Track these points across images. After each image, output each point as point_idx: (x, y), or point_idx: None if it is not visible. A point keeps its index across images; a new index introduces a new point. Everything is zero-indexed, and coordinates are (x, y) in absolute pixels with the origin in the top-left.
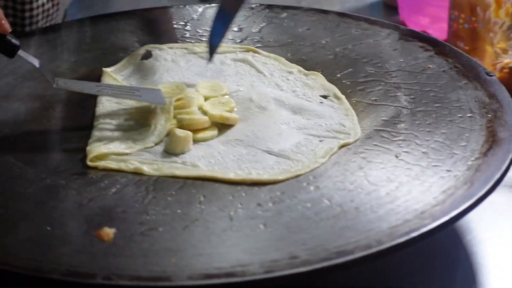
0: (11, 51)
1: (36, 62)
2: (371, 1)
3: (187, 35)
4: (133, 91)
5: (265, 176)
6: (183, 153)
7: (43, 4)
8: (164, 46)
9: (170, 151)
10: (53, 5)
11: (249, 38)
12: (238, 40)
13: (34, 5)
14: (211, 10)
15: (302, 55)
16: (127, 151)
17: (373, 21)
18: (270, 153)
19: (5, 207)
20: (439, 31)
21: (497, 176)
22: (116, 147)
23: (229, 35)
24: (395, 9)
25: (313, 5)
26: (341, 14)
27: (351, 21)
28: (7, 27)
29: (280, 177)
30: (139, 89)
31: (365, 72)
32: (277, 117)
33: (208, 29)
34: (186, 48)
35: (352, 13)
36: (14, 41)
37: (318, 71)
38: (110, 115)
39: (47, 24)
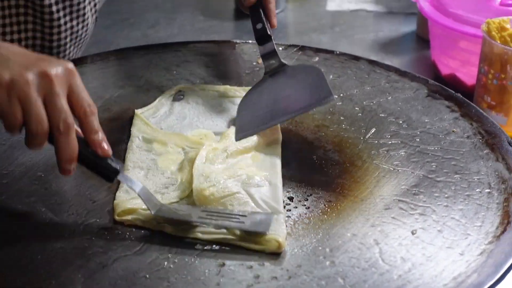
0: (109, 177)
1: (137, 187)
2: (405, 32)
3: (220, 74)
4: (238, 217)
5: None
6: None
7: (71, 27)
8: (197, 88)
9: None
10: (82, 27)
11: None
12: None
13: (62, 28)
14: (246, 47)
15: (330, 107)
16: None
17: (403, 72)
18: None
19: (34, 263)
20: (468, 75)
21: (507, 266)
22: (142, 202)
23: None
24: (427, 43)
25: (347, 32)
26: (372, 62)
27: (381, 70)
28: (109, 151)
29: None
30: (246, 213)
31: (390, 132)
32: None
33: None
34: (217, 91)
35: (383, 62)
36: (114, 165)
37: (345, 126)
38: (139, 165)
39: (77, 45)
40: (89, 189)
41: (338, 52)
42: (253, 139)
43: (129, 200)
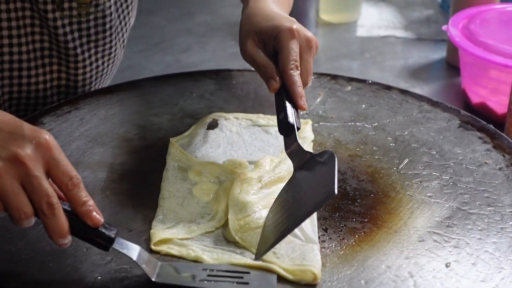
0: (105, 246)
1: (134, 254)
2: (435, 58)
3: (253, 103)
4: (242, 275)
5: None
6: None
7: (97, 66)
8: (231, 116)
9: (230, 238)
10: (109, 64)
11: (313, 112)
12: (301, 113)
13: (88, 68)
14: None
15: (363, 137)
16: (189, 236)
17: (434, 103)
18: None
19: None
20: (498, 104)
21: None
22: (178, 232)
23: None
24: (457, 70)
25: (377, 58)
26: (404, 92)
27: (413, 100)
28: (99, 220)
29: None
30: (249, 272)
31: (422, 163)
32: None
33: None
34: (251, 120)
35: (415, 92)
36: (107, 233)
37: (378, 156)
38: (175, 194)
39: (104, 78)
40: (125, 218)
41: (370, 81)
42: (287, 168)
43: (165, 229)
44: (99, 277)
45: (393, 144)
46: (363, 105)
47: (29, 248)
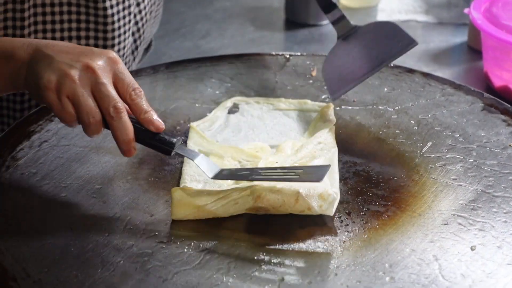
0: (167, 150)
1: (196, 156)
2: (456, 42)
3: (274, 87)
4: (292, 172)
5: None
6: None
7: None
8: (251, 100)
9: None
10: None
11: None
12: (323, 96)
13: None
14: (300, 60)
15: (385, 120)
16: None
17: (457, 86)
18: None
19: (93, 277)
20: None
21: None
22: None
23: (313, 91)
24: (479, 54)
25: None
26: (426, 75)
27: (436, 84)
28: (161, 125)
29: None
30: (301, 168)
31: (446, 146)
32: None
33: (295, 82)
34: (272, 104)
35: (438, 75)
36: (169, 139)
37: (401, 139)
38: (196, 178)
39: (132, 57)
40: (147, 203)
41: (392, 64)
42: (309, 153)
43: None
44: (121, 261)
45: (416, 127)
46: (385, 89)
47: (51, 233)
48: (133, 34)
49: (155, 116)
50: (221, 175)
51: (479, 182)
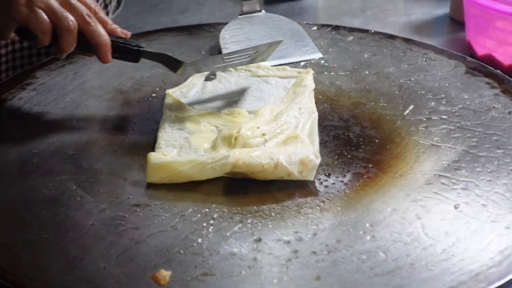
0: (137, 53)
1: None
2: (438, 14)
3: None
4: (251, 53)
5: None
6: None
7: None
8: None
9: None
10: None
11: (314, 62)
12: (303, 64)
13: None
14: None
15: (366, 85)
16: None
17: (440, 50)
18: None
19: (64, 240)
20: (504, 55)
21: None
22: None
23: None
24: (461, 25)
25: (379, 15)
26: (407, 40)
27: (418, 49)
28: (127, 32)
29: None
30: (258, 47)
31: (428, 109)
32: None
33: None
34: (250, 71)
35: (419, 40)
36: (136, 43)
37: (382, 103)
38: (172, 143)
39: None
40: (121, 167)
41: (373, 31)
42: (290, 121)
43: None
44: (93, 224)
45: (398, 91)
46: (366, 55)
47: (22, 197)
48: None
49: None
50: (185, 69)
51: (462, 143)
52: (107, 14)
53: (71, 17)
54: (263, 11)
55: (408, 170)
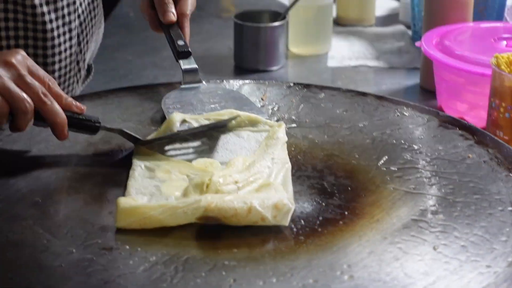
0: (94, 126)
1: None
2: (408, 85)
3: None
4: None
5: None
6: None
7: (70, 55)
8: (201, 118)
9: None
10: (81, 57)
11: (286, 117)
12: (275, 119)
13: (63, 55)
14: (246, 87)
15: (339, 138)
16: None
17: (412, 106)
18: None
19: (29, 280)
20: (477, 118)
21: None
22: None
23: (266, 112)
24: (432, 94)
25: (349, 85)
26: (379, 97)
27: (390, 104)
28: (82, 106)
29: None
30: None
31: (402, 159)
32: None
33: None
34: None
35: (391, 97)
36: (94, 117)
37: (356, 155)
38: (142, 191)
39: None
40: (90, 213)
41: (344, 88)
42: (261, 167)
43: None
44: (60, 265)
45: (371, 144)
46: (338, 110)
47: None
48: (75, 54)
49: (74, 100)
50: (147, 140)
51: (438, 189)
52: (77, 83)
53: (27, 99)
54: (204, 82)
55: (384, 216)
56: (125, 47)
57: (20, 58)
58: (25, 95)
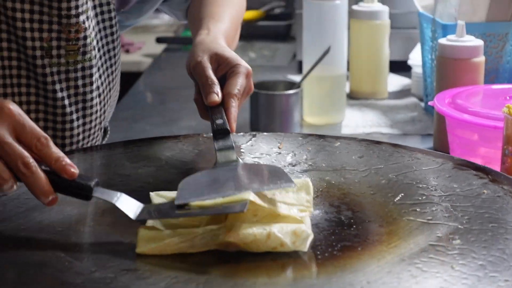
0: (86, 196)
1: (114, 197)
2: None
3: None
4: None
5: None
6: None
7: (84, 124)
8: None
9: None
10: (95, 125)
11: (302, 163)
12: (291, 166)
13: (75, 124)
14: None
15: (355, 179)
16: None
17: (426, 151)
18: None
19: None
20: None
21: None
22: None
23: (282, 159)
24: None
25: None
26: (394, 145)
27: (404, 151)
28: (75, 171)
29: None
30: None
31: (418, 195)
32: None
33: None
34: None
35: (406, 145)
36: (86, 183)
37: (372, 193)
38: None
39: (89, 144)
40: (110, 242)
41: (359, 138)
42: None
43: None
44: (82, 283)
45: (387, 183)
46: (353, 156)
47: (8, 263)
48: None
49: (66, 161)
50: (144, 214)
51: (454, 220)
52: (94, 142)
53: (2, 171)
54: (240, 160)
55: (402, 242)
56: (142, 119)
57: (5, 116)
58: (1, 165)
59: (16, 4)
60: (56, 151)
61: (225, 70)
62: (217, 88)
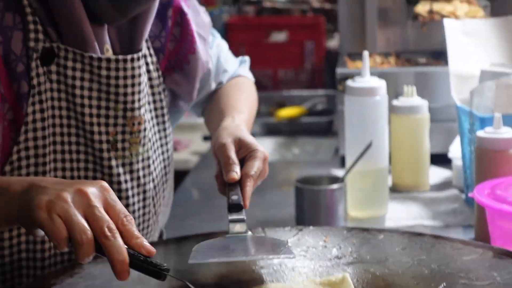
0: (160, 274)
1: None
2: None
3: None
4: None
5: None
6: None
7: (143, 214)
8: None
9: None
10: (148, 218)
11: (347, 256)
12: (337, 259)
13: (136, 214)
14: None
15: (399, 269)
16: None
17: (467, 242)
18: None
19: None
20: None
21: None
22: None
23: (327, 252)
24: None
25: None
26: (436, 237)
27: (445, 242)
28: (152, 249)
29: None
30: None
31: (460, 285)
32: None
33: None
34: None
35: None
36: (161, 262)
37: (414, 283)
38: None
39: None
40: None
41: (402, 230)
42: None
43: None
44: None
45: (429, 273)
46: (396, 248)
47: None
48: (148, 213)
49: (146, 242)
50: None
51: None
52: (149, 237)
53: (86, 230)
54: (250, 232)
55: None
56: (192, 216)
57: (96, 189)
58: (86, 226)
59: (85, 100)
60: (137, 231)
61: (245, 153)
62: (237, 168)
